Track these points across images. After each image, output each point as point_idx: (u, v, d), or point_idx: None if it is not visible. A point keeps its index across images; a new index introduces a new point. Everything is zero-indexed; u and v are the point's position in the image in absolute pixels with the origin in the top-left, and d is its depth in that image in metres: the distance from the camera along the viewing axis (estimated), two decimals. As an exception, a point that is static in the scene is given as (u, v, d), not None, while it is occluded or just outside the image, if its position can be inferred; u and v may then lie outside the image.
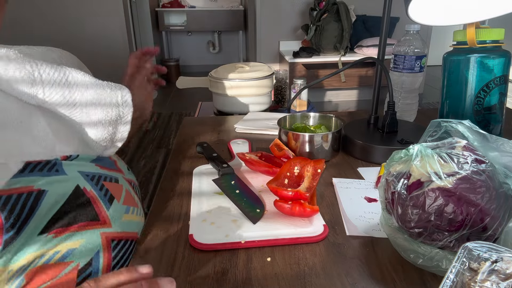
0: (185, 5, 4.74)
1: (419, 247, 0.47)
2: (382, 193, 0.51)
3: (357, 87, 3.83)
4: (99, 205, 0.50)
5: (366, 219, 0.60)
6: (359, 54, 3.54)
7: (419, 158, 0.47)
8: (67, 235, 0.46)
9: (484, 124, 0.82)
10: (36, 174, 0.45)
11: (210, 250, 0.53)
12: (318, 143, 0.79)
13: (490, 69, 0.78)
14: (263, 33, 3.79)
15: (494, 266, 0.34)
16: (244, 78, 1.30)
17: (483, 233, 0.44)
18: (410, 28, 0.94)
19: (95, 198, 0.50)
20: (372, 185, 0.71)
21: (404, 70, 0.96)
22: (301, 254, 0.53)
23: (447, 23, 0.75)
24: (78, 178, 0.49)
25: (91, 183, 0.51)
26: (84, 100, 0.52)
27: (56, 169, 0.48)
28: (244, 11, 4.62)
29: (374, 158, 0.80)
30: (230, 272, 0.50)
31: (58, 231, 0.45)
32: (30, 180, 0.44)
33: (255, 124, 1.02)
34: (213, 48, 5.17)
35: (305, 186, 0.62)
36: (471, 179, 0.44)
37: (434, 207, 0.44)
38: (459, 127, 0.53)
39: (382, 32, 0.85)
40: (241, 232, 0.56)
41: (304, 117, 0.90)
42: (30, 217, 0.43)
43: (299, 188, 0.60)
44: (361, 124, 0.92)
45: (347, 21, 3.33)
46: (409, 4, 0.68)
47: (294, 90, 1.67)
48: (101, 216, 0.49)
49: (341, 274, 0.49)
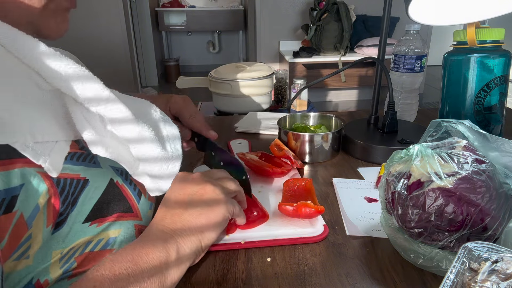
0: (185, 5, 4.74)
1: (419, 247, 0.47)
2: (382, 193, 0.51)
3: (357, 87, 3.83)
4: (131, 198, 0.51)
5: (366, 219, 0.60)
6: (359, 54, 3.54)
7: (419, 158, 0.47)
8: (107, 224, 0.47)
9: (484, 124, 0.82)
10: (80, 163, 0.46)
11: (210, 250, 0.53)
12: (318, 143, 0.79)
13: (490, 69, 0.78)
14: (263, 33, 3.79)
15: (494, 266, 0.34)
16: (244, 78, 1.30)
17: (483, 233, 0.44)
18: (410, 28, 0.94)
19: (127, 191, 0.51)
20: (372, 185, 0.71)
21: (404, 70, 0.96)
22: (301, 254, 0.53)
23: (447, 23, 0.75)
24: (111, 171, 0.50)
25: (121, 177, 0.52)
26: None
27: (93, 161, 0.48)
28: (244, 11, 4.62)
29: (374, 158, 0.80)
30: (230, 272, 0.50)
31: (99, 221, 0.46)
32: (77, 169, 0.45)
33: (255, 124, 1.02)
34: (213, 48, 5.17)
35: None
36: (471, 179, 0.44)
37: (434, 207, 0.44)
38: (459, 127, 0.53)
39: (382, 32, 0.85)
40: (241, 232, 0.56)
41: (304, 117, 0.90)
42: (76, 203, 0.43)
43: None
44: (361, 124, 0.92)
45: (347, 21, 3.33)
46: (409, 4, 0.68)
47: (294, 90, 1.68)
48: (134, 209, 0.50)
49: (341, 274, 0.49)
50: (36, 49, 0.40)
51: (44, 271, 0.40)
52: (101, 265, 0.40)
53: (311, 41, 3.50)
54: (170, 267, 0.43)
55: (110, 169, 0.51)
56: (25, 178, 0.38)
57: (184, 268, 0.46)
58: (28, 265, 0.39)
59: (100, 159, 0.50)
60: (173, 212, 0.48)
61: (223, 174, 0.57)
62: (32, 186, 0.38)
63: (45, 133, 0.40)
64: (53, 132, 0.42)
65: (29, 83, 0.41)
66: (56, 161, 0.41)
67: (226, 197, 0.51)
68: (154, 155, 0.50)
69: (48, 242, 0.41)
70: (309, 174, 0.77)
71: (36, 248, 0.39)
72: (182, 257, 0.45)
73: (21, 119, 0.38)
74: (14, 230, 0.37)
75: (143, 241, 0.44)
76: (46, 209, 0.40)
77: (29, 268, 0.39)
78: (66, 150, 0.44)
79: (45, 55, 0.41)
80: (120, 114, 0.45)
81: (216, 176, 0.56)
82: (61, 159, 0.42)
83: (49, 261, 0.41)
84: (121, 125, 0.46)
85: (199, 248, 0.48)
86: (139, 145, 0.48)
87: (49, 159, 0.40)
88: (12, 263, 0.37)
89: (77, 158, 0.46)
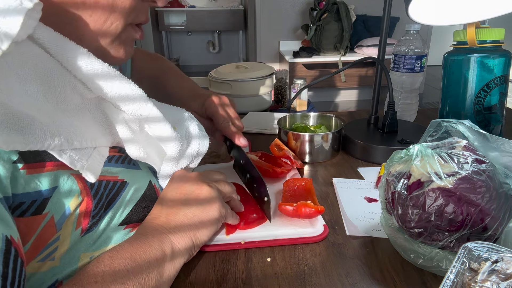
0: (185, 5, 4.73)
1: (419, 247, 0.47)
2: (382, 193, 0.51)
3: (357, 87, 3.83)
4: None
5: (366, 219, 0.60)
6: (359, 54, 3.54)
7: (419, 158, 0.47)
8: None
9: (484, 124, 0.82)
10: (120, 165, 0.47)
11: (210, 250, 0.53)
12: (318, 143, 0.79)
13: (490, 69, 0.78)
14: (263, 33, 3.79)
15: (495, 266, 0.34)
16: (244, 78, 1.30)
17: (483, 233, 0.44)
18: (410, 28, 0.94)
19: (160, 194, 0.52)
20: (372, 185, 0.71)
21: (404, 70, 0.96)
22: (301, 254, 0.53)
23: (447, 23, 0.75)
24: (149, 173, 0.52)
25: (156, 179, 0.53)
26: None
27: (133, 163, 0.50)
28: (244, 11, 4.61)
29: (374, 158, 0.80)
30: (230, 272, 0.50)
31: (133, 225, 0.47)
32: (115, 171, 0.46)
33: (255, 124, 1.02)
34: (213, 48, 5.16)
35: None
36: (471, 179, 0.44)
37: (434, 207, 0.44)
38: (459, 127, 0.53)
39: (382, 32, 0.85)
40: (241, 232, 0.56)
41: (304, 117, 0.90)
42: (111, 206, 0.44)
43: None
44: (361, 124, 0.92)
45: (347, 21, 3.33)
46: (409, 4, 0.68)
47: (294, 90, 1.67)
48: None
49: (341, 274, 0.49)
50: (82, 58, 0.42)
51: (70, 276, 0.40)
52: (100, 262, 0.40)
53: (311, 41, 3.50)
54: (166, 263, 0.44)
55: (149, 171, 0.52)
56: (58, 180, 0.39)
57: (179, 264, 0.47)
58: (53, 266, 0.39)
59: (139, 161, 0.51)
60: (168, 211, 0.49)
61: (221, 177, 0.58)
62: (64, 189, 0.39)
63: (84, 140, 0.41)
64: (92, 138, 0.43)
65: (72, 93, 0.42)
66: (94, 166, 0.42)
67: (220, 200, 0.52)
68: (179, 154, 0.52)
69: (76, 244, 0.41)
70: (309, 174, 0.77)
71: (63, 250, 0.40)
72: (176, 254, 0.46)
73: (59, 125, 0.39)
74: (42, 232, 0.37)
75: (139, 238, 0.45)
76: (77, 212, 0.40)
77: (54, 270, 0.39)
78: (105, 155, 0.45)
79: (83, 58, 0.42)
80: (151, 113, 0.47)
81: (214, 178, 0.56)
82: (99, 165, 0.43)
83: (77, 265, 0.41)
84: (155, 124, 0.48)
85: (191, 246, 0.49)
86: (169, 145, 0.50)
87: (87, 164, 0.41)
88: (36, 264, 0.38)
89: (116, 160, 0.47)
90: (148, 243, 0.44)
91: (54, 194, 0.38)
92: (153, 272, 0.42)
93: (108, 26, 0.44)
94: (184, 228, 0.48)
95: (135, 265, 0.41)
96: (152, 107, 0.47)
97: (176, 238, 0.47)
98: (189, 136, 0.54)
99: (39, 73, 0.39)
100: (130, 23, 0.47)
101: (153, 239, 0.45)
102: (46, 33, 0.40)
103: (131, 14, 0.46)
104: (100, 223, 0.43)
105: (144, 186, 0.49)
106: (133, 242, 0.44)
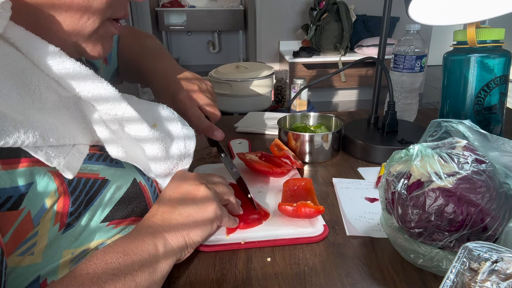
0: (185, 5, 4.73)
1: (419, 247, 0.47)
2: (382, 193, 0.51)
3: (357, 87, 3.83)
4: (149, 198, 0.52)
5: (366, 219, 0.60)
6: (359, 54, 3.54)
7: (419, 158, 0.47)
8: (122, 227, 0.48)
9: (484, 124, 0.82)
10: (101, 163, 0.47)
11: (210, 250, 0.53)
12: (318, 143, 0.79)
13: (490, 69, 0.78)
14: (263, 33, 3.79)
15: (495, 266, 0.34)
16: (244, 78, 1.30)
17: (483, 233, 0.44)
18: (410, 28, 0.94)
19: (147, 191, 0.52)
20: (372, 185, 0.71)
21: (404, 70, 0.96)
22: (301, 254, 0.53)
23: (447, 23, 0.75)
24: (134, 171, 0.51)
25: (143, 177, 0.53)
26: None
27: (116, 161, 0.49)
28: (244, 11, 4.61)
29: (374, 158, 0.80)
30: (230, 272, 0.50)
31: (117, 222, 0.47)
32: (96, 169, 0.46)
33: (255, 124, 1.02)
34: (213, 48, 5.16)
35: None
36: (471, 179, 0.44)
37: (434, 207, 0.44)
38: (459, 127, 0.53)
39: (382, 32, 0.85)
40: (241, 232, 0.56)
41: (304, 117, 0.90)
42: (90, 204, 0.44)
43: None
44: (361, 124, 0.92)
45: (347, 21, 3.33)
46: (409, 4, 0.68)
47: (294, 90, 1.67)
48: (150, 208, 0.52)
49: (341, 274, 0.49)
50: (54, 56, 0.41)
51: (52, 272, 0.41)
52: (93, 256, 0.41)
53: (311, 41, 3.50)
54: (159, 260, 0.44)
55: (134, 169, 0.52)
56: (34, 177, 0.39)
57: (171, 262, 0.47)
58: (35, 262, 0.39)
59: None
60: (164, 210, 0.50)
61: (220, 179, 0.58)
62: (40, 185, 0.39)
63: (61, 137, 0.41)
64: (71, 136, 0.43)
65: (48, 91, 0.42)
66: (72, 164, 0.42)
67: (216, 201, 0.52)
68: (163, 154, 0.51)
69: (57, 240, 0.41)
70: (309, 174, 0.77)
71: (42, 245, 0.40)
72: (169, 251, 0.46)
73: (33, 123, 0.39)
74: (19, 227, 0.37)
75: (133, 235, 0.45)
76: (54, 208, 0.40)
77: (36, 266, 0.39)
78: (85, 153, 0.45)
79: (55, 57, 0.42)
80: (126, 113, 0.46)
81: (212, 180, 0.57)
82: (78, 162, 0.43)
83: (59, 261, 0.41)
84: (131, 124, 0.48)
85: (184, 245, 0.49)
86: (148, 144, 0.50)
87: (64, 161, 0.41)
88: (16, 258, 0.38)
89: (97, 158, 0.47)
90: (141, 239, 0.44)
91: (30, 190, 0.38)
92: (146, 267, 0.42)
93: (85, 22, 0.43)
94: (178, 227, 0.48)
95: (128, 259, 0.41)
96: (126, 106, 0.46)
97: (169, 236, 0.47)
98: (171, 135, 0.54)
99: (11, 72, 0.39)
100: (108, 18, 0.46)
101: (147, 235, 0.45)
102: (17, 32, 0.40)
103: (108, 9, 0.45)
104: (80, 220, 0.43)
105: (127, 184, 0.49)
106: (127, 238, 0.45)
